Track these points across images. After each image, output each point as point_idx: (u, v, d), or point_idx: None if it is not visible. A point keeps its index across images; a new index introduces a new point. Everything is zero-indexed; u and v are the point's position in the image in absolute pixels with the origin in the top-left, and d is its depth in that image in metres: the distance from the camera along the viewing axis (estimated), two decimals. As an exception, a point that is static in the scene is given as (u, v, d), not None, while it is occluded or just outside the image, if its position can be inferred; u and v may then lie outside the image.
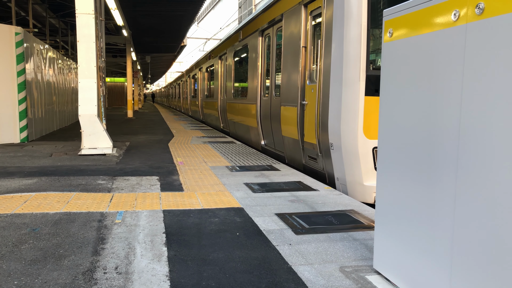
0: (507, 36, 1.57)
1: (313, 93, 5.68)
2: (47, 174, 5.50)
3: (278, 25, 7.38)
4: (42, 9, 15.05)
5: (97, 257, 2.67)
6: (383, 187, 2.38)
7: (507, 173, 1.58)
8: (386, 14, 2.34)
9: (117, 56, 28.51)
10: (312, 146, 5.75)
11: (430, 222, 2.00)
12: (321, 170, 5.55)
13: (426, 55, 2.01)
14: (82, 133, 7.31)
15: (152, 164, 6.35)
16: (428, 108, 2.00)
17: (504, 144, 1.59)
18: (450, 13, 1.84)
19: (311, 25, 5.90)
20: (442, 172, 1.91)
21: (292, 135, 6.46)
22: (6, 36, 8.72)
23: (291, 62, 6.46)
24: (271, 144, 7.89)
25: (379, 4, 4.68)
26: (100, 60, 7.74)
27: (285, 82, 6.68)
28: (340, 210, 3.84)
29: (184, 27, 20.61)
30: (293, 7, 6.42)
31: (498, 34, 1.60)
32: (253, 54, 8.87)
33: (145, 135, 11.12)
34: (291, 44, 6.47)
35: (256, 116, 8.59)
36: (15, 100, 8.94)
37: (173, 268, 2.52)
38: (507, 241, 1.58)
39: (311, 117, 5.74)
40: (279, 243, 2.96)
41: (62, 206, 3.89)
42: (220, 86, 13.09)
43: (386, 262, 2.37)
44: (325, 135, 5.20)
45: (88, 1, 7.19)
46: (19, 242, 2.93)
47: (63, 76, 13.69)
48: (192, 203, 4.05)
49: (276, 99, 7.36)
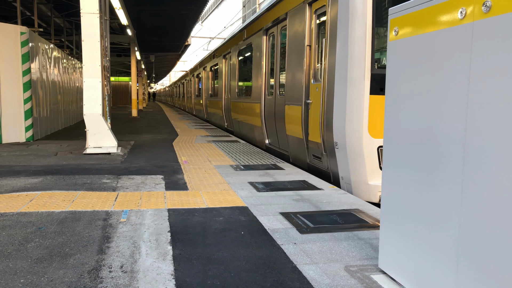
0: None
1: (317, 92, 5.66)
2: (52, 173, 5.52)
3: (282, 24, 7.36)
4: (47, 8, 15.12)
5: (102, 256, 2.68)
6: (389, 186, 2.37)
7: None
8: (391, 13, 2.33)
9: (122, 55, 28.59)
10: (316, 145, 5.72)
11: (436, 221, 1.99)
12: (326, 169, 5.53)
13: (432, 54, 2.00)
14: (87, 132, 7.33)
15: (156, 163, 6.36)
16: (434, 107, 1.99)
17: (510, 145, 1.57)
18: (457, 11, 1.83)
19: (316, 24, 5.87)
20: (448, 171, 1.90)
21: (297, 134, 6.43)
22: (12, 35, 8.76)
23: (295, 61, 6.43)
24: (276, 143, 7.87)
25: (384, 3, 4.66)
26: (104, 59, 7.77)
27: (290, 81, 6.65)
28: (345, 209, 3.83)
29: (188, 26, 20.64)
30: (298, 6, 6.40)
31: (506, 33, 1.59)
32: (258, 53, 8.86)
33: (149, 134, 11.15)
34: (295, 43, 6.45)
35: (260, 115, 8.58)
36: (21, 100, 8.99)
37: (178, 267, 2.53)
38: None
39: (315, 116, 5.73)
40: (283, 242, 2.96)
41: (68, 205, 3.91)
42: (224, 85, 13.07)
43: (391, 261, 2.37)
44: (330, 134, 5.17)
45: (93, 1, 7.21)
46: (25, 240, 2.95)
47: (68, 75, 13.74)
48: (196, 202, 4.06)
49: (280, 98, 7.33)
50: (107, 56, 8.06)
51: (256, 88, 8.91)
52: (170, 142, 9.33)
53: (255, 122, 9.07)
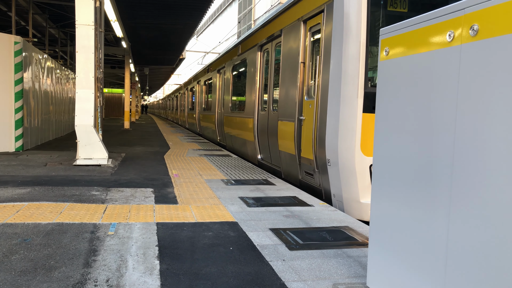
0: (501, 57, 1.59)
1: (310, 109, 5.67)
2: (41, 183, 5.46)
3: (277, 41, 7.41)
4: (43, 19, 15.14)
5: (88, 269, 2.64)
6: (377, 204, 2.38)
7: (502, 195, 1.58)
8: (382, 33, 2.37)
9: (116, 67, 28.62)
10: (309, 162, 5.71)
11: (424, 240, 1.99)
12: (318, 186, 5.51)
13: (421, 74, 2.03)
14: (77, 143, 7.28)
15: (147, 176, 6.32)
16: (423, 126, 2.01)
17: (497, 162, 1.60)
18: (445, 33, 1.87)
19: (310, 41, 5.91)
20: (436, 189, 1.91)
21: (289, 150, 6.42)
22: (5, 45, 8.74)
23: (289, 77, 6.46)
24: (268, 159, 7.85)
25: (378, 22, 4.74)
26: (98, 71, 7.77)
27: (283, 97, 6.67)
28: (334, 227, 3.83)
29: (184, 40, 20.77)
30: (292, 23, 6.46)
31: (493, 56, 1.63)
32: (252, 68, 8.89)
33: (141, 147, 11.10)
34: (289, 60, 6.48)
35: (253, 130, 8.57)
36: (12, 109, 8.93)
37: (165, 282, 2.49)
38: (502, 261, 1.58)
39: (308, 132, 5.73)
40: (272, 259, 2.94)
41: (55, 216, 3.85)
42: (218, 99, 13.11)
43: (379, 279, 2.36)
44: (322, 151, 5.17)
45: (88, 13, 7.24)
46: (10, 252, 2.90)
47: (61, 86, 13.70)
48: (186, 216, 4.03)
49: (273, 113, 7.34)
50: (101, 68, 8.07)
51: (249, 103, 8.93)
52: (161, 155, 9.30)
53: (248, 137, 9.08)
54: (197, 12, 14.96)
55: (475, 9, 1.71)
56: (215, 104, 13.48)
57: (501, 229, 1.58)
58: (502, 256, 1.58)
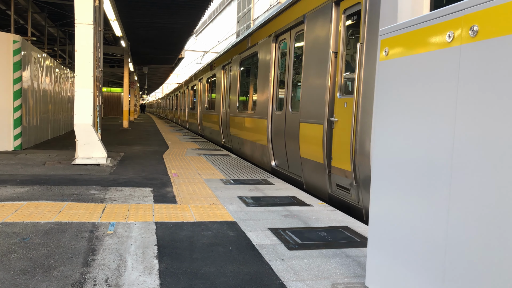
0: (501, 58, 1.59)
1: (346, 108, 4.76)
2: (40, 183, 5.46)
3: (297, 29, 6.43)
4: (42, 18, 15.12)
5: (87, 269, 2.64)
6: (376, 204, 2.38)
7: (502, 194, 1.59)
8: (382, 33, 2.37)
9: (115, 66, 28.59)
10: (343, 173, 4.77)
11: (423, 239, 2.00)
12: (356, 204, 4.55)
13: (421, 75, 2.04)
14: (76, 142, 7.28)
15: (146, 175, 6.32)
16: (423, 127, 2.01)
17: (497, 166, 1.60)
18: (445, 34, 1.87)
19: (345, 26, 4.97)
20: (435, 189, 1.92)
21: (315, 157, 5.46)
22: (4, 43, 8.73)
23: (315, 71, 5.51)
24: (285, 166, 6.86)
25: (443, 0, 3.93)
26: (97, 70, 7.76)
27: (306, 95, 5.72)
28: (333, 226, 3.83)
29: (183, 40, 20.77)
30: (320, 6, 5.48)
31: (492, 56, 1.63)
32: (264, 62, 7.87)
33: (140, 146, 11.09)
34: (315, 50, 5.54)
35: (266, 132, 7.56)
36: (10, 108, 8.91)
37: (164, 281, 2.50)
38: (501, 259, 1.59)
39: (343, 137, 4.79)
40: (271, 258, 2.94)
41: (54, 215, 3.85)
42: (223, 98, 12.04)
43: (378, 279, 2.36)
44: (365, 161, 4.25)
45: (87, 12, 7.23)
46: (8, 251, 2.89)
47: (60, 84, 13.68)
48: (185, 216, 4.03)
49: (293, 114, 6.41)
50: (100, 67, 8.06)
51: (261, 102, 7.91)
52: (160, 154, 9.30)
53: (259, 140, 8.07)
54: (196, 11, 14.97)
55: (475, 10, 1.71)
56: (219, 103, 12.52)
57: (501, 229, 1.59)
58: (502, 255, 1.58)
